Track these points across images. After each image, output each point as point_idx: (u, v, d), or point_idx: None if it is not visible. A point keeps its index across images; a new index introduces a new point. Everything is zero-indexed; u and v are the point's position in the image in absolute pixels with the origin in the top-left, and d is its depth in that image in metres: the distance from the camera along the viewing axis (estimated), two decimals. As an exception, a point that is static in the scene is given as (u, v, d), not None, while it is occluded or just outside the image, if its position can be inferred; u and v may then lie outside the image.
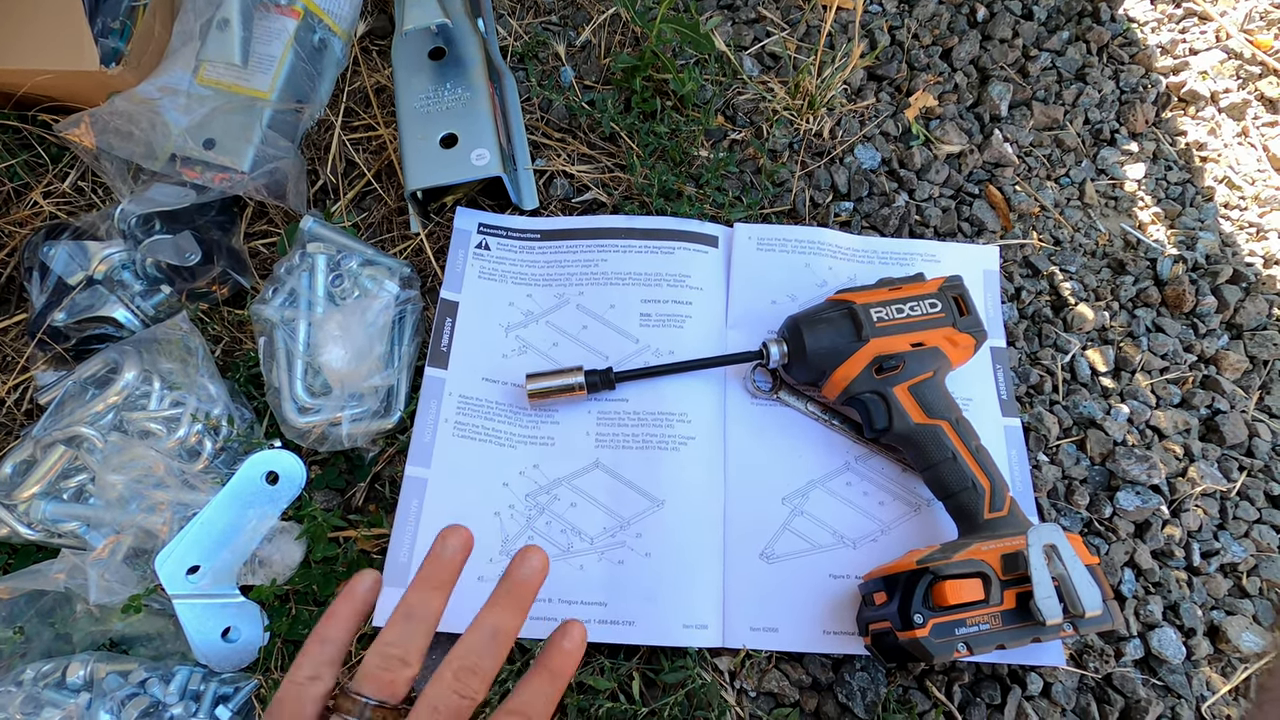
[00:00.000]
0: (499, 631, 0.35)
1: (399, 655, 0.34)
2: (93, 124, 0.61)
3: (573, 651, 0.37)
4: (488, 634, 0.35)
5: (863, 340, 0.55)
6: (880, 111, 0.75)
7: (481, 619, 0.36)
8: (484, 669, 0.34)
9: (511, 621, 0.36)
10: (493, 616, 0.36)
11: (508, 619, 0.36)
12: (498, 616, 0.36)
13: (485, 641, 0.35)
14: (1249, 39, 0.81)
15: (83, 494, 0.56)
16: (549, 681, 0.36)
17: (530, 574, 0.37)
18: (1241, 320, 0.67)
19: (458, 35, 0.68)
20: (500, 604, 0.36)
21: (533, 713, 0.34)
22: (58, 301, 0.61)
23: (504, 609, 0.36)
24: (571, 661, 0.37)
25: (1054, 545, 0.47)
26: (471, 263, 0.65)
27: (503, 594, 0.37)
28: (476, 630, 0.35)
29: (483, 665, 0.34)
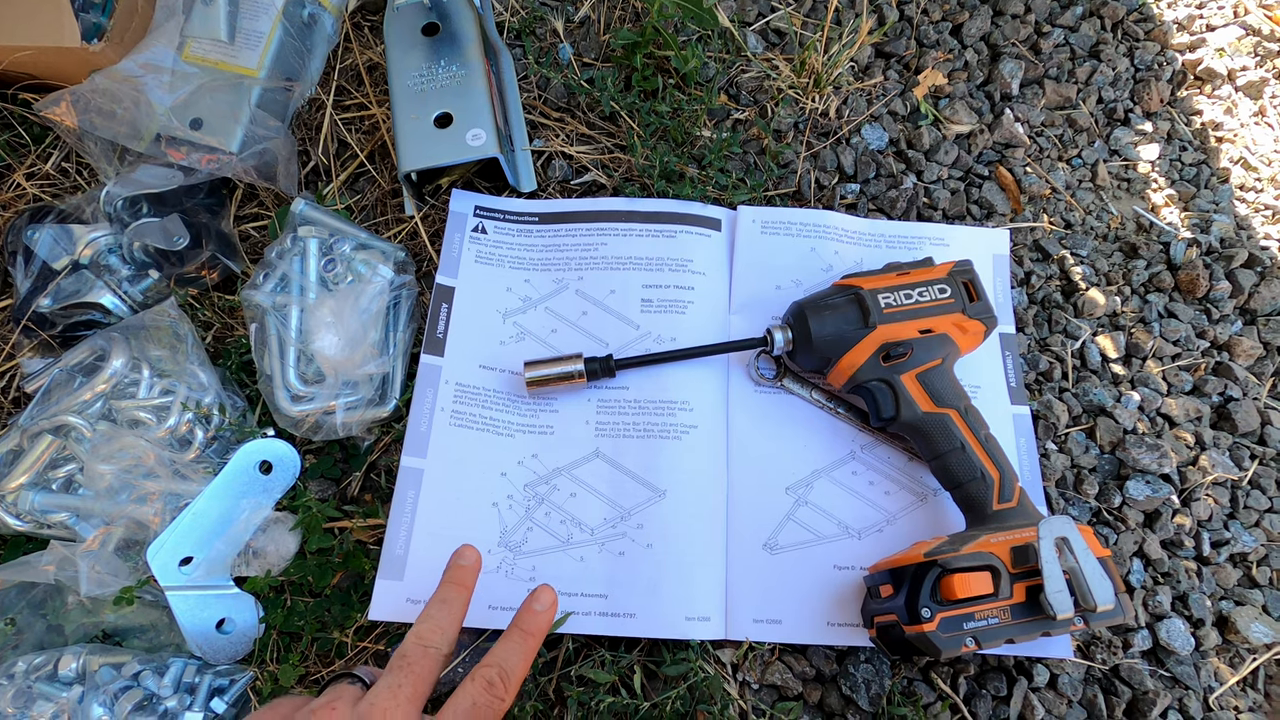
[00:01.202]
0: (447, 600, 0.43)
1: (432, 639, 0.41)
2: (74, 103, 0.59)
3: (543, 613, 0.43)
4: (436, 603, 0.43)
5: (870, 327, 0.54)
6: (888, 90, 0.73)
7: (498, 645, 0.42)
8: (442, 627, 0.41)
9: (458, 595, 0.43)
10: (507, 642, 0.42)
11: (453, 593, 0.44)
12: (511, 641, 0.42)
13: (437, 608, 0.42)
14: (1267, 14, 0.79)
15: (72, 484, 0.55)
16: (521, 639, 0.42)
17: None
18: (1256, 305, 0.66)
19: (452, 10, 0.66)
20: (515, 631, 0.43)
21: (508, 666, 0.40)
22: (43, 287, 0.60)
23: (519, 635, 0.43)
24: (543, 620, 0.43)
25: (1065, 538, 0.46)
26: (468, 247, 0.63)
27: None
28: (497, 646, 0.42)
29: (440, 624, 0.42)
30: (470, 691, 0.39)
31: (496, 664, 0.40)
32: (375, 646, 0.54)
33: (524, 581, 0.53)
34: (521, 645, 0.41)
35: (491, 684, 0.39)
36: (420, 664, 0.39)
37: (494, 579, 0.53)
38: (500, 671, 0.39)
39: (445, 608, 0.42)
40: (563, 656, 0.52)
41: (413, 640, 0.40)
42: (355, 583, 0.54)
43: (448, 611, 0.42)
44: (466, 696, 0.38)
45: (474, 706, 0.38)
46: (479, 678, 0.39)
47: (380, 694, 0.37)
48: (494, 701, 0.39)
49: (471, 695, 0.38)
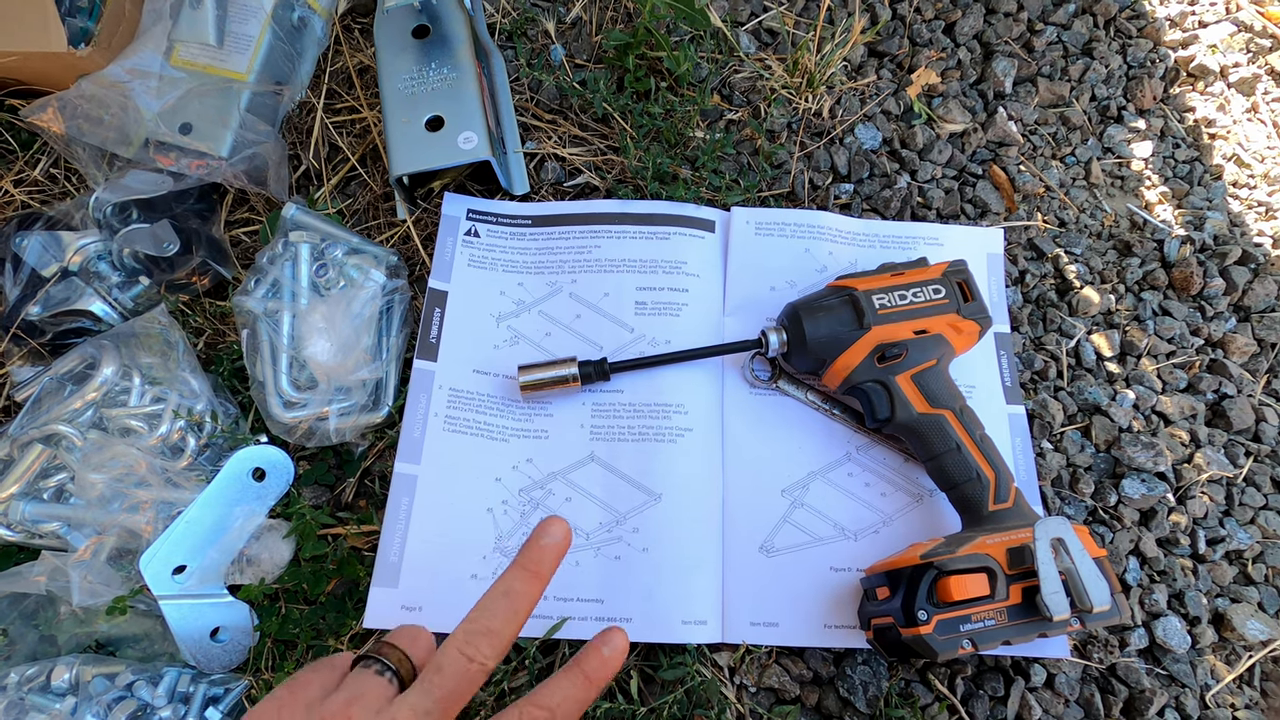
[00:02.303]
0: (513, 594, 0.34)
1: (485, 625, 0.34)
2: (61, 109, 0.59)
3: (611, 659, 0.36)
4: (500, 595, 0.34)
5: (864, 328, 0.54)
6: (881, 89, 0.73)
7: (497, 584, 0.35)
8: (496, 631, 0.33)
9: (527, 587, 0.35)
10: (508, 580, 0.35)
11: (523, 583, 0.34)
12: (513, 580, 0.35)
13: (498, 602, 0.34)
14: (1259, 10, 0.79)
15: (63, 494, 0.55)
16: (581, 684, 0.34)
17: (551, 543, 0.36)
18: (1250, 302, 0.66)
19: (442, 12, 0.65)
20: (517, 568, 0.35)
21: (558, 712, 0.33)
22: (32, 294, 0.59)
23: (520, 573, 0.35)
24: (609, 668, 0.35)
25: (1061, 539, 0.46)
26: (460, 250, 0.63)
27: (521, 560, 0.35)
28: (490, 593, 0.34)
29: (494, 627, 0.33)
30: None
31: (549, 708, 0.33)
32: (371, 654, 0.53)
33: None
34: (581, 692, 0.34)
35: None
36: (457, 684, 0.32)
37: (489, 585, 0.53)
38: (551, 716, 0.33)
39: (507, 601, 0.34)
40: (559, 662, 0.52)
41: (456, 650, 0.32)
42: (350, 590, 0.54)
43: (508, 607, 0.34)
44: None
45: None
46: (525, 716, 0.32)
47: (400, 713, 0.31)
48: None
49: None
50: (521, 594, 0.34)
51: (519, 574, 0.35)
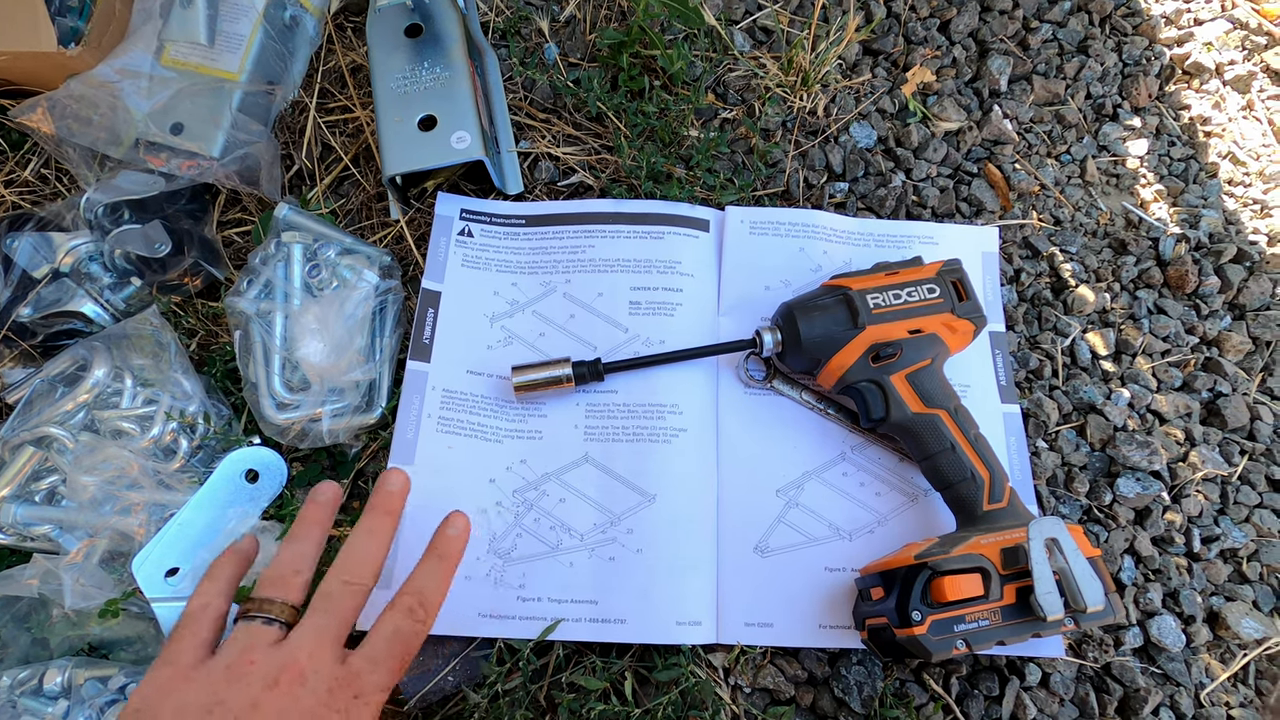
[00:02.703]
0: (369, 530, 0.42)
1: (291, 565, 0.40)
2: (50, 109, 0.58)
3: (456, 536, 0.44)
4: (360, 533, 0.42)
5: (859, 327, 0.54)
6: (876, 88, 0.72)
7: (355, 528, 0.42)
8: (362, 557, 0.41)
9: (380, 522, 0.43)
10: (364, 521, 0.43)
11: (376, 519, 0.43)
12: (368, 519, 0.43)
13: (359, 538, 0.42)
14: (1255, 8, 0.79)
15: (55, 496, 0.54)
16: (438, 563, 0.42)
17: (392, 486, 0.45)
18: (1245, 301, 0.66)
19: (435, 11, 0.65)
20: (367, 511, 0.43)
21: (426, 591, 0.41)
22: (22, 296, 0.59)
23: (373, 513, 0.43)
24: (458, 544, 0.44)
25: (1055, 539, 0.45)
26: (454, 250, 0.63)
27: (369, 504, 0.44)
28: (350, 537, 0.42)
29: (360, 555, 0.41)
30: (391, 619, 0.39)
31: (415, 590, 0.40)
32: (365, 656, 0.53)
33: (513, 588, 0.53)
34: (438, 569, 0.42)
35: (411, 610, 0.39)
36: (344, 602, 0.39)
37: (483, 586, 0.53)
38: (419, 598, 0.40)
39: (371, 539, 0.42)
40: (553, 663, 0.52)
41: (337, 579, 0.39)
42: (344, 592, 0.54)
43: (374, 542, 0.42)
44: (388, 624, 0.39)
45: (395, 633, 0.39)
46: (399, 605, 0.40)
47: (305, 637, 0.37)
48: (415, 626, 0.39)
49: (393, 623, 0.39)
50: (378, 528, 0.42)
51: (372, 514, 0.43)
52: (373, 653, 0.38)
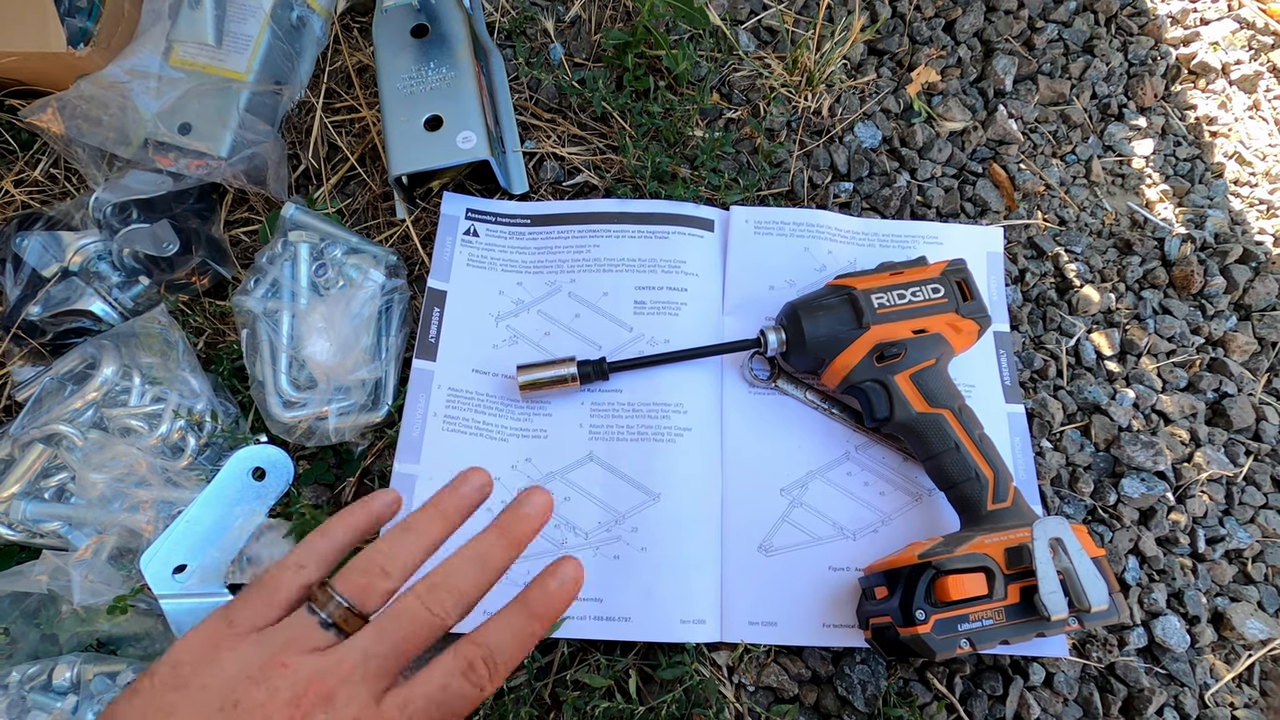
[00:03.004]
0: (483, 556, 0.33)
1: (382, 565, 0.32)
2: (60, 109, 0.59)
3: (559, 593, 0.33)
4: (469, 556, 0.33)
5: (863, 327, 0.54)
6: (881, 87, 0.72)
7: (469, 544, 0.34)
8: (458, 589, 0.32)
9: (499, 551, 0.34)
10: (481, 543, 0.34)
11: (496, 546, 0.34)
12: (486, 542, 0.34)
13: (466, 563, 0.33)
14: (1261, 8, 0.78)
15: (64, 493, 0.55)
16: (525, 619, 0.33)
17: (532, 510, 0.35)
18: (1250, 301, 0.66)
19: (441, 11, 0.65)
20: (492, 532, 0.34)
21: (496, 648, 0.32)
22: (32, 294, 0.59)
23: (495, 537, 0.34)
24: (556, 603, 0.34)
25: (1059, 538, 0.45)
26: (460, 250, 0.63)
27: (497, 524, 0.35)
28: (459, 554, 0.33)
29: (458, 585, 0.32)
30: (445, 670, 0.31)
31: (486, 644, 0.32)
32: (370, 652, 0.54)
33: (517, 586, 0.53)
34: (523, 629, 0.33)
35: (473, 668, 0.31)
36: (413, 632, 0.31)
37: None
38: (487, 655, 0.31)
39: (478, 564, 0.33)
40: (558, 661, 0.52)
41: (418, 600, 0.31)
42: (350, 589, 0.54)
43: (479, 569, 0.33)
44: (439, 675, 0.31)
45: (444, 690, 0.31)
46: (460, 655, 0.31)
47: (350, 656, 0.30)
48: (470, 690, 0.31)
49: (445, 676, 0.31)
50: (494, 558, 0.33)
51: (494, 538, 0.34)
52: (410, 704, 0.30)
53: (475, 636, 0.32)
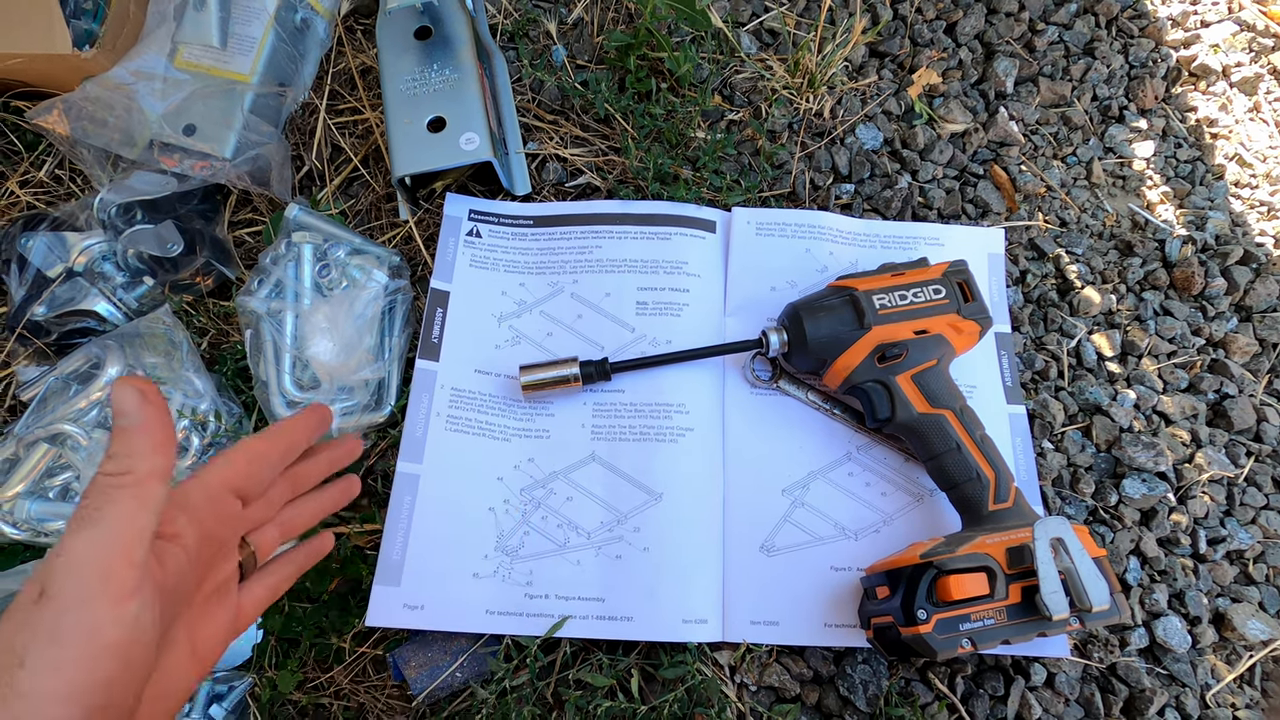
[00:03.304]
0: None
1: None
2: (66, 111, 0.59)
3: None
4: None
5: (865, 328, 0.54)
6: (882, 89, 0.73)
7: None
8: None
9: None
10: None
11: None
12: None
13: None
14: (1262, 10, 0.79)
15: (68, 492, 0.55)
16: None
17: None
18: (1251, 302, 0.66)
19: (444, 13, 0.65)
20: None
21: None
22: (37, 295, 0.60)
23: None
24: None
25: (1060, 538, 0.46)
26: (462, 251, 0.63)
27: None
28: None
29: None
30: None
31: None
32: (374, 652, 0.54)
33: (521, 585, 0.53)
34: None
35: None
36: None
37: (491, 583, 0.53)
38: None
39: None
40: (560, 660, 0.52)
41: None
42: (353, 588, 0.55)
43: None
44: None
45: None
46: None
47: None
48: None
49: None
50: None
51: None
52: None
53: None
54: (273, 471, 0.40)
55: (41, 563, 0.29)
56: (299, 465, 0.43)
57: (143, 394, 0.30)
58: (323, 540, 0.46)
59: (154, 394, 0.31)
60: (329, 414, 0.43)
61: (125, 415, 0.30)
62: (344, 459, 0.45)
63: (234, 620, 0.38)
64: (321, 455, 0.44)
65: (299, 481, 0.44)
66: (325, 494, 0.44)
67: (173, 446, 0.31)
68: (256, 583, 0.40)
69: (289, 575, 0.42)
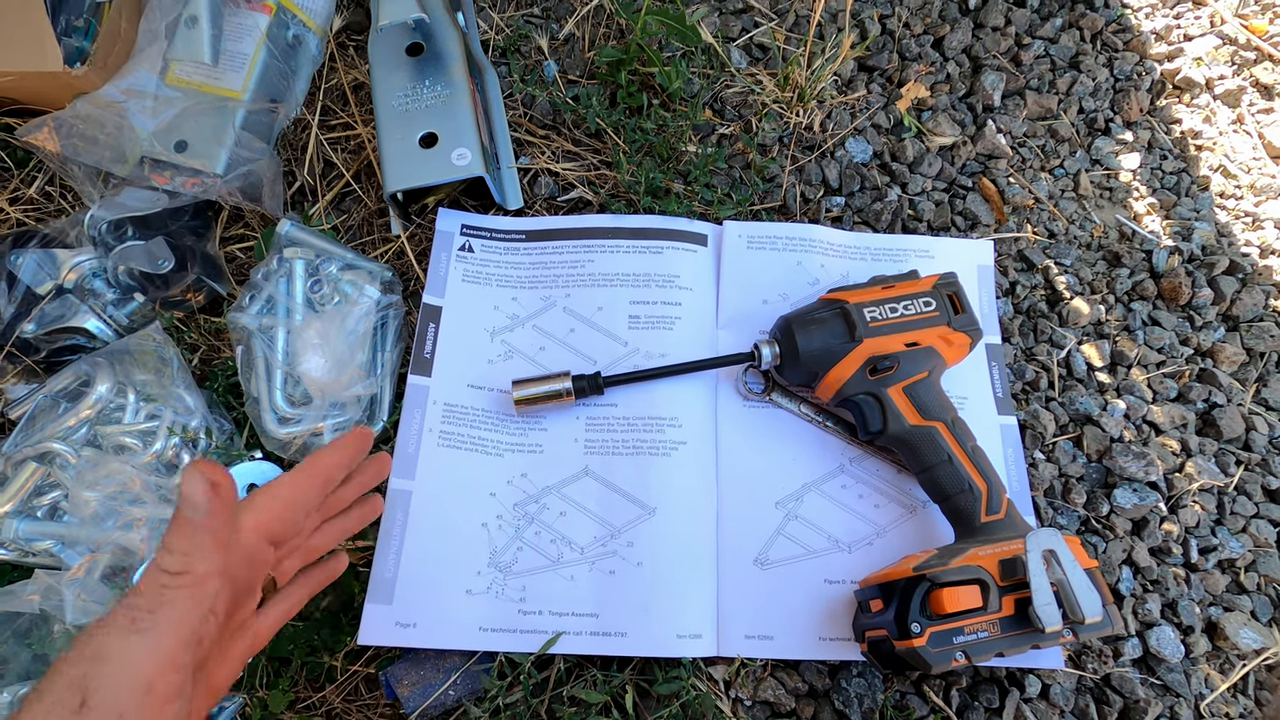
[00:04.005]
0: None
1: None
2: (56, 128, 0.59)
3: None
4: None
5: (856, 340, 0.54)
6: (871, 103, 0.73)
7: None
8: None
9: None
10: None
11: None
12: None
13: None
14: (1243, 24, 0.80)
15: (57, 512, 0.55)
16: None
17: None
18: (1238, 312, 0.66)
19: (436, 30, 0.66)
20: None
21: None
22: (26, 312, 0.59)
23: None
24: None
25: (1053, 550, 0.46)
26: (455, 265, 0.63)
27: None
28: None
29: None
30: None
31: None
32: (366, 670, 0.53)
33: (514, 601, 0.53)
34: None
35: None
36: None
37: (484, 600, 0.53)
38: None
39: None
40: (554, 677, 0.52)
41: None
42: (345, 606, 0.54)
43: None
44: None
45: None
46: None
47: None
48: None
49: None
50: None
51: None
52: None
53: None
54: (310, 510, 0.38)
55: (79, 657, 0.27)
56: (334, 493, 0.41)
57: (214, 487, 0.29)
58: (338, 562, 0.45)
59: (227, 487, 0.29)
60: (370, 436, 0.41)
61: (193, 507, 0.28)
62: (372, 480, 0.44)
63: (250, 647, 0.37)
64: (353, 480, 0.42)
65: (330, 509, 0.42)
66: (349, 516, 0.43)
67: (233, 536, 0.30)
68: (273, 606, 0.39)
69: (302, 598, 0.41)
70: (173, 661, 0.27)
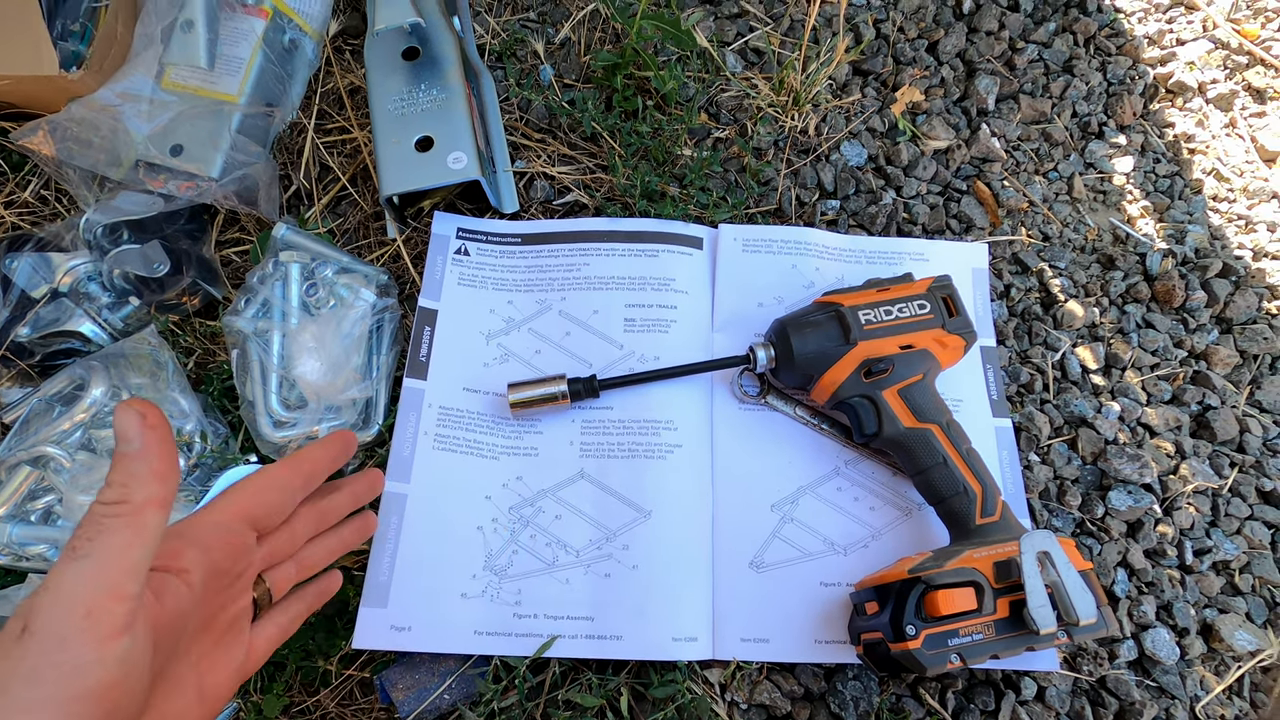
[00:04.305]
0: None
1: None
2: (51, 132, 0.59)
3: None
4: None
5: (851, 343, 0.54)
6: (866, 107, 0.74)
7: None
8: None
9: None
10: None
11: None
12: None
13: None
14: (1236, 28, 0.80)
15: (51, 516, 0.54)
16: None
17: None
18: (1231, 314, 0.67)
19: (432, 34, 0.66)
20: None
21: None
22: (21, 316, 0.59)
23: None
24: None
25: (1047, 552, 0.46)
26: (450, 269, 0.63)
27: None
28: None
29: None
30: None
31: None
32: (361, 674, 0.53)
33: (510, 605, 0.53)
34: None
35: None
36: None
37: (479, 603, 0.53)
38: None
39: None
40: (549, 681, 0.52)
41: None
42: (339, 610, 0.54)
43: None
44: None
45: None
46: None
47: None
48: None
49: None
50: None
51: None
52: None
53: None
54: (293, 500, 0.38)
55: (29, 594, 0.28)
56: (325, 500, 0.42)
57: (144, 417, 0.29)
58: (332, 579, 0.45)
59: (156, 417, 0.29)
60: (353, 440, 0.41)
61: (126, 440, 0.29)
62: (366, 494, 0.44)
63: (245, 661, 0.36)
64: (345, 489, 0.43)
65: (325, 517, 0.42)
66: (344, 531, 0.43)
67: (175, 473, 0.30)
68: (270, 621, 0.39)
69: (299, 614, 0.41)
70: (114, 590, 0.26)
